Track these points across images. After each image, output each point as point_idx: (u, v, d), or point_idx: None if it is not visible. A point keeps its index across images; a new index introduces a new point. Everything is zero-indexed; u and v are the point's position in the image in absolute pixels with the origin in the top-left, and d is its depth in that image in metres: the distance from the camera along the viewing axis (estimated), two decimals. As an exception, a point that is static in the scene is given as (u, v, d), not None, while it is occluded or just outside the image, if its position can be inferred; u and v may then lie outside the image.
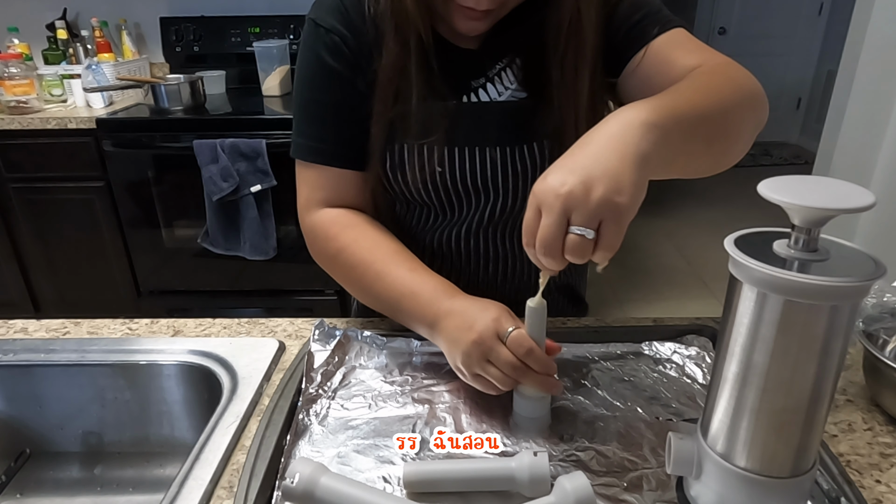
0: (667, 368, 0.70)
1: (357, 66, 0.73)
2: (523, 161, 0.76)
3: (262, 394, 0.67)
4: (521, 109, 0.75)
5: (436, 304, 0.65)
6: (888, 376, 0.61)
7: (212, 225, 2.10)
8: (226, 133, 2.03)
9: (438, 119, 0.72)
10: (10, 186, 2.22)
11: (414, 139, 0.73)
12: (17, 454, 0.78)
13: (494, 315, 0.59)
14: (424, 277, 0.69)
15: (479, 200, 0.77)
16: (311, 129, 0.75)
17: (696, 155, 0.57)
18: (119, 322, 0.83)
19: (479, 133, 0.74)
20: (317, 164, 0.76)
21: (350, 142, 0.75)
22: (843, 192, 0.41)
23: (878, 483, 0.55)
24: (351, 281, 0.75)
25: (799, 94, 5.26)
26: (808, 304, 0.40)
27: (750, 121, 0.62)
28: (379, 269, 0.71)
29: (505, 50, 0.75)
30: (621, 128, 0.49)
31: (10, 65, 2.19)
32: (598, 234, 0.47)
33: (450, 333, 0.62)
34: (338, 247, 0.74)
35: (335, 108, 0.74)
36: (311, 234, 0.78)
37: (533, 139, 0.75)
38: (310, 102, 0.75)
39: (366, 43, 0.72)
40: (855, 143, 2.03)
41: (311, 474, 0.50)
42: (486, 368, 0.58)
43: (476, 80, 0.75)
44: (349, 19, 0.72)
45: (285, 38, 2.48)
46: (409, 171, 0.74)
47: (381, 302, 0.72)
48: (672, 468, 0.50)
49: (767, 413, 0.44)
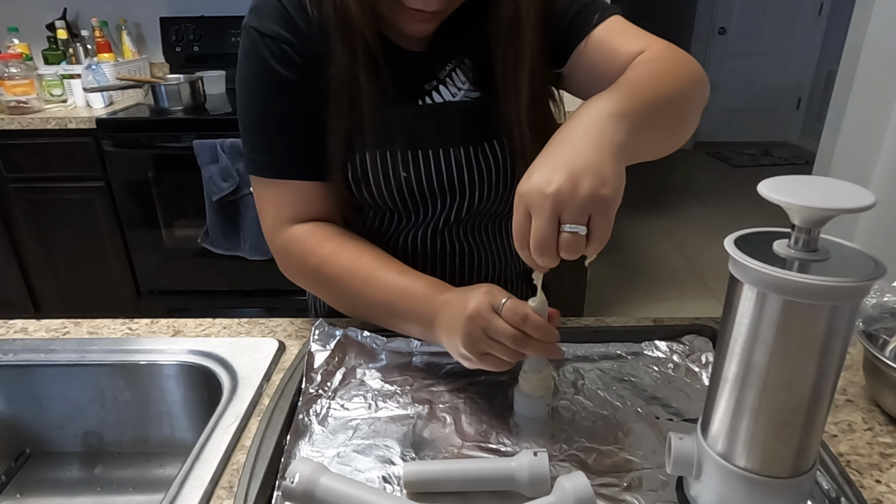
0: (667, 368, 0.70)
1: (307, 75, 0.70)
2: (486, 158, 0.76)
3: (262, 394, 0.67)
4: (476, 108, 0.76)
5: (431, 300, 0.65)
6: (888, 376, 0.61)
7: (212, 225, 2.10)
8: (226, 133, 2.03)
9: (397, 125, 0.72)
10: (10, 186, 2.22)
11: (374, 147, 0.72)
12: (17, 454, 0.78)
13: (485, 290, 0.59)
14: (415, 278, 0.69)
15: (444, 201, 0.78)
16: (268, 143, 0.72)
17: (660, 138, 0.60)
18: (119, 322, 0.83)
19: (440, 135, 0.75)
20: (278, 180, 0.73)
21: (309, 152, 0.73)
22: (843, 192, 0.41)
23: (878, 483, 0.55)
24: (336, 292, 0.74)
25: (799, 94, 5.27)
26: (808, 304, 0.40)
27: (698, 102, 0.66)
28: (366, 275, 0.70)
29: (453, 51, 0.75)
30: (594, 121, 0.51)
31: (10, 65, 2.19)
32: (589, 228, 0.48)
33: (447, 322, 0.62)
34: (317, 261, 0.72)
35: (291, 119, 0.72)
36: (284, 253, 0.75)
37: (493, 136, 0.76)
38: (261, 115, 0.72)
39: (314, 50, 0.69)
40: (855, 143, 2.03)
41: (311, 474, 0.50)
42: (489, 345, 0.58)
43: (428, 83, 0.75)
44: (295, 25, 0.69)
45: (285, 38, 2.48)
46: (374, 180, 0.73)
47: (373, 308, 0.71)
48: (672, 468, 0.50)
49: (767, 413, 0.44)
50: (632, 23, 0.73)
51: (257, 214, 0.77)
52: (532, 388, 0.61)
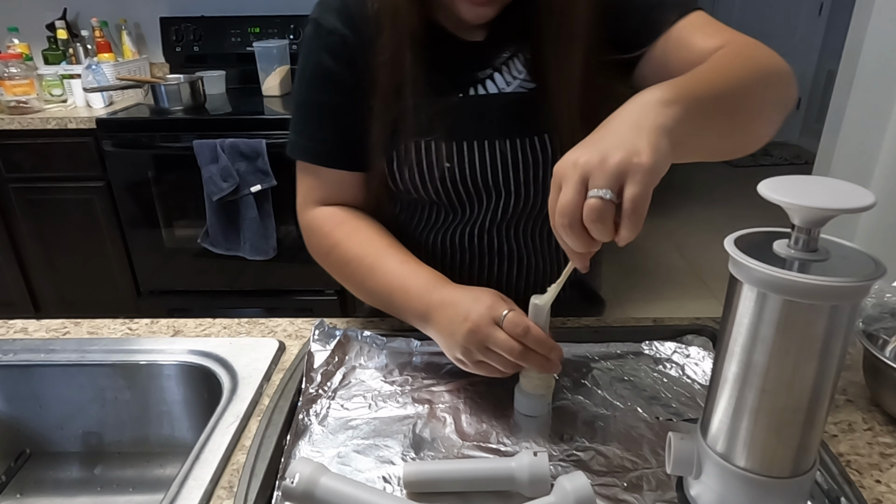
0: (667, 368, 0.70)
1: (357, 67, 0.72)
2: (534, 153, 0.74)
3: (262, 394, 0.67)
4: (526, 100, 0.74)
5: (426, 296, 0.65)
6: (888, 376, 0.61)
7: (212, 225, 2.10)
8: (226, 133, 2.03)
9: (441, 114, 0.71)
10: (10, 186, 2.22)
11: (417, 136, 0.72)
12: (17, 454, 0.78)
13: (488, 303, 0.59)
14: (415, 269, 0.69)
15: (489, 197, 0.76)
16: (308, 129, 0.76)
17: (719, 132, 0.56)
18: (119, 322, 0.83)
19: (483, 126, 0.73)
20: (311, 165, 0.76)
21: (347, 144, 0.75)
22: (843, 192, 0.41)
23: (878, 483, 0.55)
24: (345, 277, 0.75)
25: (799, 94, 5.26)
26: (808, 304, 0.40)
27: (771, 98, 0.61)
28: (371, 262, 0.71)
29: (511, 39, 0.73)
30: (638, 107, 0.49)
31: (10, 65, 2.19)
32: (622, 198, 0.45)
33: (444, 326, 0.62)
34: (331, 243, 0.75)
35: (332, 110, 0.74)
36: (307, 231, 0.78)
37: (542, 130, 0.74)
38: (307, 103, 0.75)
39: (368, 41, 0.71)
40: (855, 143, 2.03)
41: (311, 474, 0.50)
42: (487, 355, 0.58)
43: (482, 71, 0.74)
44: (352, 18, 0.71)
45: (285, 38, 2.48)
46: (417, 170, 0.74)
47: (375, 297, 0.72)
48: (672, 468, 0.50)
49: (767, 413, 0.44)
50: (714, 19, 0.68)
51: (257, 214, 0.78)
52: (533, 386, 0.61)
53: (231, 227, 2.11)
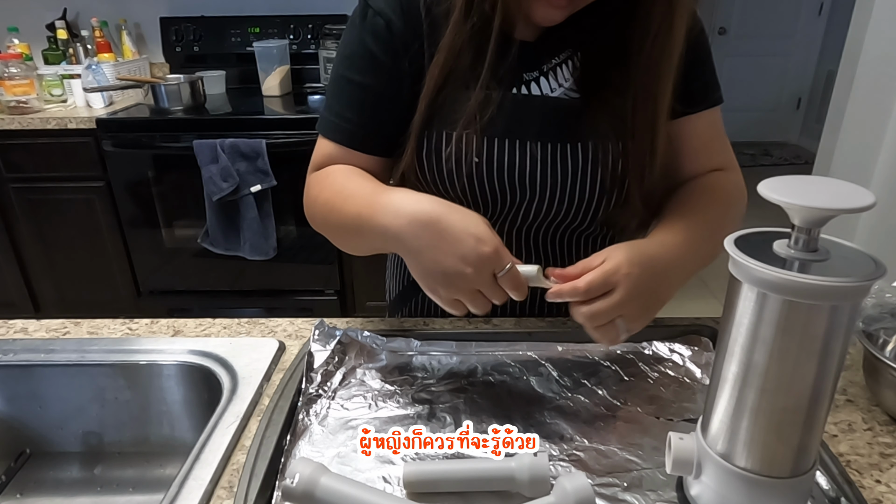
0: (667, 368, 0.70)
1: (399, 52, 0.71)
2: (564, 160, 0.73)
3: (262, 394, 0.67)
4: (568, 108, 0.73)
5: (404, 208, 0.62)
6: (888, 376, 0.61)
7: (212, 225, 2.10)
8: (226, 133, 2.03)
9: (480, 108, 0.71)
10: (10, 186, 2.22)
11: (452, 127, 0.72)
12: (17, 454, 0.78)
13: (491, 248, 0.58)
14: (386, 188, 0.67)
15: (514, 198, 0.75)
16: (338, 106, 0.75)
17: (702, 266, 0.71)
18: (119, 322, 0.83)
19: (519, 126, 0.73)
20: (329, 141, 0.76)
21: (373, 127, 0.74)
22: (843, 192, 0.41)
23: (878, 483, 0.55)
24: (329, 226, 0.74)
25: (799, 94, 5.26)
26: (808, 304, 0.40)
27: (737, 227, 0.70)
28: (347, 194, 0.69)
29: (565, 45, 0.73)
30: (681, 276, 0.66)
31: (10, 65, 2.19)
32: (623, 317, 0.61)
33: (432, 256, 0.60)
34: (317, 191, 0.74)
35: (364, 92, 0.74)
36: (305, 194, 0.77)
37: (577, 139, 0.73)
38: (341, 80, 0.75)
39: (417, 27, 0.71)
40: (855, 143, 2.03)
41: (311, 474, 0.50)
42: (472, 297, 0.60)
43: (529, 72, 0.73)
44: (401, 3, 0.71)
45: (285, 38, 2.48)
46: (445, 160, 0.73)
47: (344, 230, 0.71)
48: (672, 468, 0.50)
49: (767, 413, 0.44)
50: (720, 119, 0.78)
51: (257, 214, 0.77)
52: None
53: (231, 227, 2.11)
